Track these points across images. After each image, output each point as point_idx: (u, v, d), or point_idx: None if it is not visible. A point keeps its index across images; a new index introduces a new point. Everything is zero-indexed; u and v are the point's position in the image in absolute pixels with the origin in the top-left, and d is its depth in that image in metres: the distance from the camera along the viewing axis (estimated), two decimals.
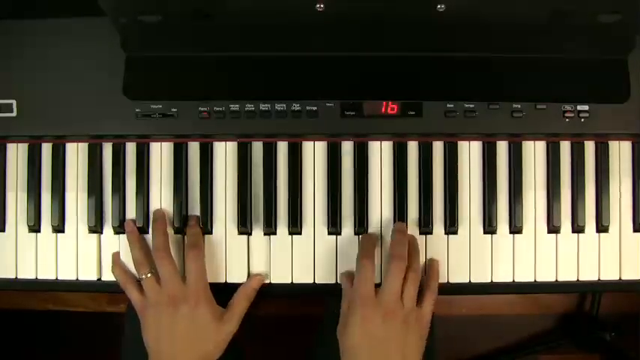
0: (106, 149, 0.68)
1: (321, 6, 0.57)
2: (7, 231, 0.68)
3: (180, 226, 0.66)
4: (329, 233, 0.67)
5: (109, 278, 0.67)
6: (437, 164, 0.67)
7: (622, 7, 0.58)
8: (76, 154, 0.68)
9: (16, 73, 0.66)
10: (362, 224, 0.66)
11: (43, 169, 0.68)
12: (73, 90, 0.65)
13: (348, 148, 0.67)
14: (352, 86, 0.65)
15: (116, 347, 0.77)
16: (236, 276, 0.66)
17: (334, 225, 0.66)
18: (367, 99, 0.65)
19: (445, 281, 0.66)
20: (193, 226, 0.66)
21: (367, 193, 0.66)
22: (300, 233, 0.67)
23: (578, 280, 0.66)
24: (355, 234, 0.66)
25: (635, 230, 0.67)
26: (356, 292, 0.60)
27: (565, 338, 1.17)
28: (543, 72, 0.65)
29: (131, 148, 0.68)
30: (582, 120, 0.65)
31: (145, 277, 0.62)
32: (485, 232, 0.66)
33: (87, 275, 0.67)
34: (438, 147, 0.67)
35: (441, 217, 0.66)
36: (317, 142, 0.67)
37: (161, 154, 0.67)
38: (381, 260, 0.66)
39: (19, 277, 0.67)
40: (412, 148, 0.67)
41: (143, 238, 0.66)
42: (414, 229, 0.66)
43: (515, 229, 0.66)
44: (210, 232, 0.67)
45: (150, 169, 0.67)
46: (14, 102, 0.66)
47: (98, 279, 0.67)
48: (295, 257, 0.66)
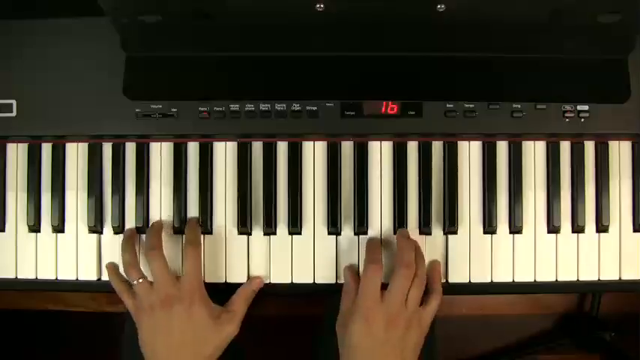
0: (106, 149, 0.68)
1: (321, 6, 0.57)
2: (7, 231, 0.68)
3: (180, 226, 0.66)
4: (329, 233, 0.67)
5: (107, 278, 0.67)
6: (437, 164, 0.67)
7: (622, 7, 0.58)
8: (76, 154, 0.68)
9: (16, 73, 0.66)
10: (362, 224, 0.66)
11: (43, 169, 0.68)
12: (73, 90, 0.65)
13: (348, 148, 0.67)
14: (352, 86, 0.65)
15: (116, 347, 0.77)
16: (236, 276, 0.66)
17: (334, 225, 0.66)
18: (367, 99, 0.65)
19: (445, 281, 0.66)
20: (191, 223, 0.66)
21: (367, 193, 0.66)
22: (300, 233, 0.67)
23: (578, 280, 0.66)
24: (355, 234, 0.66)
25: (635, 230, 0.67)
26: (362, 295, 0.60)
27: (565, 338, 1.17)
28: (543, 72, 0.65)
29: (131, 148, 0.68)
30: (582, 120, 0.65)
31: (137, 282, 0.61)
32: (485, 232, 0.66)
33: (87, 275, 0.67)
34: (437, 147, 0.67)
35: (440, 217, 0.66)
36: (317, 142, 0.67)
37: (161, 154, 0.67)
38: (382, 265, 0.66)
39: (19, 277, 0.67)
40: (412, 148, 0.67)
41: (135, 245, 0.65)
42: (414, 229, 0.66)
43: (515, 229, 0.66)
44: (210, 232, 0.67)
45: (150, 169, 0.67)
46: (14, 102, 0.66)
47: (98, 279, 0.67)
48: (295, 257, 0.66)
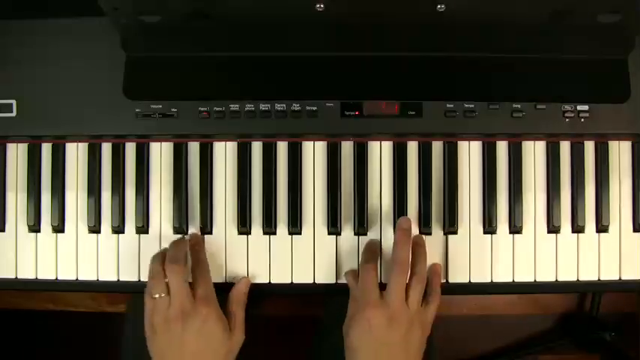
0: (106, 149, 0.68)
1: (321, 6, 0.57)
2: (7, 231, 0.68)
3: (180, 226, 0.66)
4: (329, 233, 0.67)
5: (107, 278, 0.67)
6: (437, 164, 0.67)
7: (622, 7, 0.58)
8: (76, 154, 0.68)
9: (16, 74, 0.66)
10: (362, 224, 0.66)
11: (43, 169, 0.68)
12: (73, 90, 0.65)
13: (348, 148, 0.67)
14: (352, 86, 0.65)
15: (116, 347, 0.77)
16: (236, 276, 0.66)
17: (334, 225, 0.66)
18: (367, 99, 0.65)
19: (445, 281, 0.66)
20: (195, 239, 0.65)
21: (367, 193, 0.66)
22: (300, 233, 0.67)
23: (578, 280, 0.66)
24: (355, 234, 0.66)
25: (635, 230, 0.67)
26: (360, 298, 0.60)
27: (565, 338, 1.18)
28: (543, 72, 0.65)
29: (131, 148, 0.68)
30: (582, 120, 0.65)
31: (159, 296, 0.60)
32: (485, 232, 0.66)
33: (87, 275, 0.67)
34: (437, 147, 0.67)
35: (440, 217, 0.66)
36: (317, 142, 0.67)
37: (161, 154, 0.67)
38: (380, 260, 0.66)
39: (19, 277, 0.67)
40: (412, 148, 0.67)
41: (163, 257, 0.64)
42: (414, 229, 0.66)
43: (515, 229, 0.66)
44: (210, 232, 0.67)
45: (150, 169, 0.67)
46: (14, 102, 0.66)
47: (98, 279, 0.67)
48: (295, 257, 0.66)
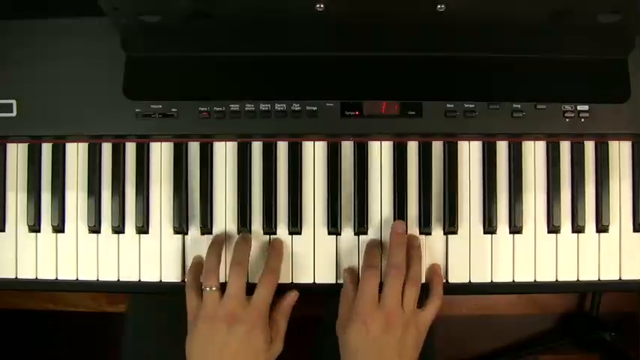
0: (106, 149, 0.68)
1: (321, 6, 0.57)
2: (7, 231, 0.68)
3: (180, 226, 0.66)
4: (329, 233, 0.67)
5: (107, 278, 0.67)
6: (437, 164, 0.67)
7: (622, 7, 0.58)
8: (76, 154, 0.68)
9: (16, 73, 0.66)
10: (362, 224, 0.66)
11: (43, 169, 0.68)
12: (73, 90, 0.65)
13: (348, 148, 0.67)
14: (352, 86, 0.65)
15: (116, 347, 0.77)
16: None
17: (334, 225, 0.66)
18: (367, 99, 0.64)
19: (445, 281, 0.66)
20: (278, 250, 0.65)
21: (367, 193, 0.66)
22: (300, 233, 0.67)
23: (578, 280, 0.66)
24: (355, 234, 0.66)
25: (635, 230, 0.67)
26: (360, 299, 0.60)
27: (565, 338, 1.18)
28: (543, 72, 0.65)
29: (131, 148, 0.68)
30: (582, 120, 0.65)
31: (210, 289, 0.60)
32: (485, 232, 0.66)
33: (87, 275, 0.67)
34: (437, 147, 0.67)
35: (440, 217, 0.66)
36: (317, 142, 0.67)
37: (161, 154, 0.67)
38: (381, 261, 0.66)
39: (19, 277, 0.67)
40: (412, 148, 0.67)
41: (221, 252, 0.64)
42: (414, 229, 0.66)
43: (515, 229, 0.66)
44: (210, 232, 0.67)
45: (150, 169, 0.67)
46: (14, 102, 0.66)
47: (98, 279, 0.67)
48: (295, 257, 0.66)
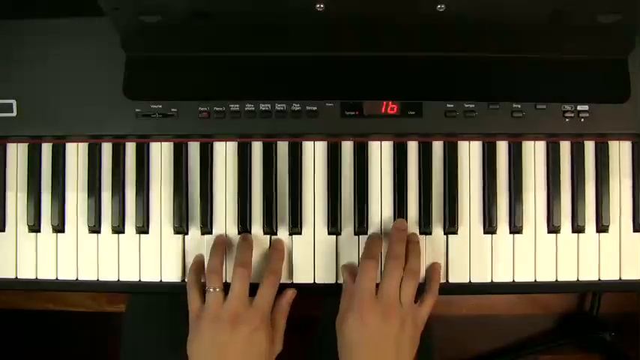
0: (106, 149, 0.68)
1: (321, 6, 0.57)
2: (7, 231, 0.68)
3: (180, 226, 0.66)
4: (329, 233, 0.67)
5: (107, 278, 0.67)
6: (437, 164, 0.67)
7: (622, 7, 0.58)
8: (76, 154, 0.68)
9: (16, 73, 0.66)
10: (362, 224, 0.66)
11: (43, 169, 0.68)
12: (73, 90, 0.65)
13: (348, 148, 0.67)
14: (352, 86, 0.65)
15: (116, 347, 0.77)
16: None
17: (334, 225, 0.66)
18: (367, 99, 0.65)
19: (445, 281, 0.66)
20: (279, 252, 0.65)
21: (367, 193, 0.66)
22: (300, 233, 0.67)
23: (578, 280, 0.66)
24: (355, 234, 0.66)
25: (635, 230, 0.67)
26: (357, 291, 0.60)
27: (565, 338, 1.18)
28: (543, 72, 0.65)
29: (131, 148, 0.68)
30: (582, 120, 0.65)
31: (214, 290, 0.60)
32: (485, 232, 0.66)
33: (87, 275, 0.67)
34: (438, 147, 0.67)
35: (440, 217, 0.66)
36: (317, 142, 0.67)
37: (161, 154, 0.67)
38: (381, 261, 0.66)
39: (19, 277, 0.67)
40: (412, 148, 0.67)
41: (224, 253, 0.64)
42: (414, 229, 0.66)
43: (515, 229, 0.66)
44: (210, 232, 0.67)
45: (150, 169, 0.67)
46: (14, 102, 0.66)
47: (98, 279, 0.67)
48: (295, 257, 0.66)
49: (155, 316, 0.77)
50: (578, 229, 0.66)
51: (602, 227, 0.66)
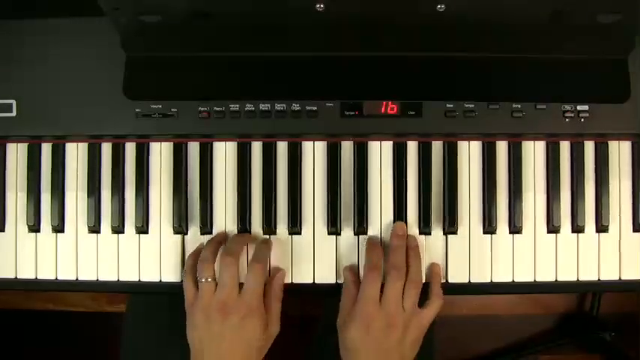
0: (106, 149, 0.68)
1: (321, 6, 0.57)
2: (6, 231, 0.68)
3: (180, 226, 0.66)
4: (329, 233, 0.67)
5: (107, 278, 0.67)
6: (437, 164, 0.67)
7: (622, 7, 0.58)
8: (76, 154, 0.68)
9: (16, 73, 0.66)
10: (362, 224, 0.66)
11: (43, 169, 0.68)
12: (73, 90, 0.65)
13: (347, 148, 0.67)
14: (352, 86, 0.65)
15: (116, 347, 0.77)
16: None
17: (334, 225, 0.66)
18: (367, 99, 0.64)
19: (445, 281, 0.66)
20: (266, 243, 0.65)
21: (367, 193, 0.66)
22: (299, 233, 0.67)
23: (578, 280, 0.66)
24: (355, 234, 0.66)
25: (635, 230, 0.67)
26: (360, 302, 0.60)
27: (565, 338, 1.18)
28: (543, 72, 0.65)
29: (131, 148, 0.68)
30: (582, 120, 0.65)
31: (205, 280, 0.61)
32: (484, 232, 0.66)
33: (87, 275, 0.67)
34: (437, 147, 0.67)
35: (440, 217, 0.66)
36: (317, 142, 0.67)
37: (161, 154, 0.67)
38: (382, 270, 0.66)
39: (19, 277, 0.67)
40: (412, 148, 0.67)
41: (219, 247, 0.64)
42: (414, 229, 0.66)
43: (515, 229, 0.66)
44: (210, 232, 0.67)
45: (150, 169, 0.67)
46: (14, 102, 0.66)
47: (98, 279, 0.67)
48: (295, 257, 0.66)
49: (155, 316, 0.77)
50: (577, 229, 0.66)
51: (601, 227, 0.66)
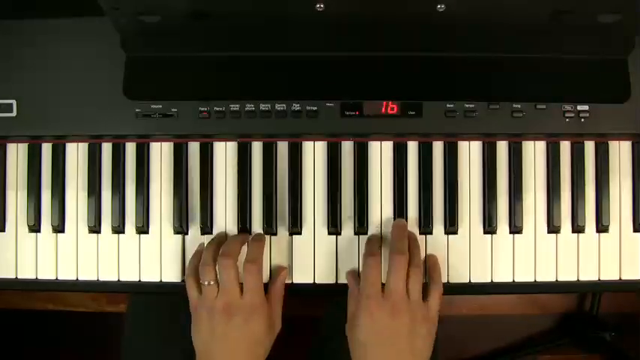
0: (106, 149, 0.68)
1: (321, 6, 0.57)
2: (7, 231, 0.68)
3: (180, 226, 0.66)
4: (329, 233, 0.67)
5: (107, 278, 0.67)
6: (437, 164, 0.67)
7: (622, 7, 0.58)
8: (76, 154, 0.68)
9: (16, 73, 0.66)
10: (362, 224, 0.66)
11: (43, 169, 0.68)
12: (73, 90, 0.65)
13: (348, 148, 0.67)
14: (352, 86, 0.65)
15: (116, 347, 0.77)
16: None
17: (334, 225, 0.66)
18: (367, 99, 0.64)
19: (445, 281, 0.66)
20: (257, 240, 0.65)
21: (367, 193, 0.66)
22: (300, 233, 0.67)
23: (578, 280, 0.66)
24: (355, 234, 0.66)
25: (635, 230, 0.67)
26: (363, 290, 0.60)
27: (565, 338, 1.18)
28: (543, 72, 0.65)
29: (131, 148, 0.68)
30: (582, 120, 0.65)
31: (208, 283, 0.61)
32: (485, 232, 0.66)
33: (87, 275, 0.67)
34: (438, 147, 0.67)
35: (440, 217, 0.66)
36: (317, 142, 0.67)
37: (161, 154, 0.67)
38: (381, 260, 0.66)
39: (19, 277, 0.67)
40: (412, 148, 0.67)
41: (219, 249, 0.64)
42: (414, 229, 0.66)
43: (515, 229, 0.66)
44: (210, 232, 0.67)
45: (150, 169, 0.67)
46: (14, 102, 0.66)
47: (98, 279, 0.67)
48: (295, 257, 0.66)
49: (155, 316, 0.77)
50: (578, 229, 0.66)
51: (602, 227, 0.66)
